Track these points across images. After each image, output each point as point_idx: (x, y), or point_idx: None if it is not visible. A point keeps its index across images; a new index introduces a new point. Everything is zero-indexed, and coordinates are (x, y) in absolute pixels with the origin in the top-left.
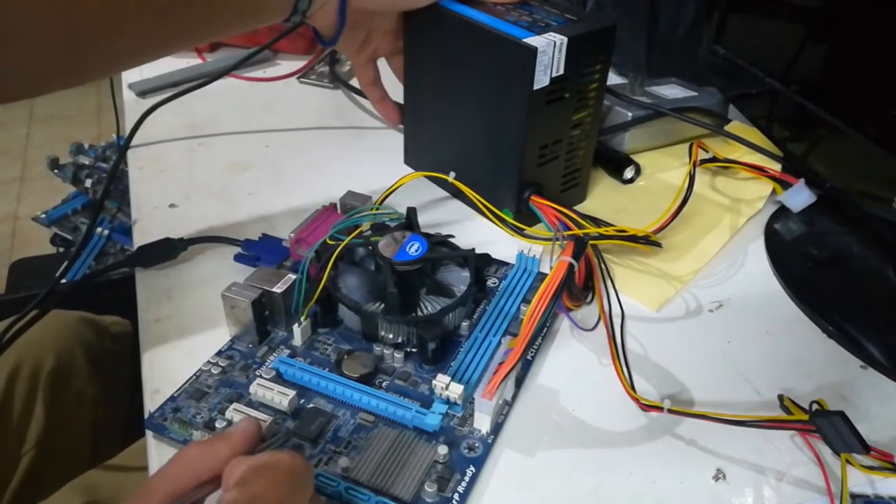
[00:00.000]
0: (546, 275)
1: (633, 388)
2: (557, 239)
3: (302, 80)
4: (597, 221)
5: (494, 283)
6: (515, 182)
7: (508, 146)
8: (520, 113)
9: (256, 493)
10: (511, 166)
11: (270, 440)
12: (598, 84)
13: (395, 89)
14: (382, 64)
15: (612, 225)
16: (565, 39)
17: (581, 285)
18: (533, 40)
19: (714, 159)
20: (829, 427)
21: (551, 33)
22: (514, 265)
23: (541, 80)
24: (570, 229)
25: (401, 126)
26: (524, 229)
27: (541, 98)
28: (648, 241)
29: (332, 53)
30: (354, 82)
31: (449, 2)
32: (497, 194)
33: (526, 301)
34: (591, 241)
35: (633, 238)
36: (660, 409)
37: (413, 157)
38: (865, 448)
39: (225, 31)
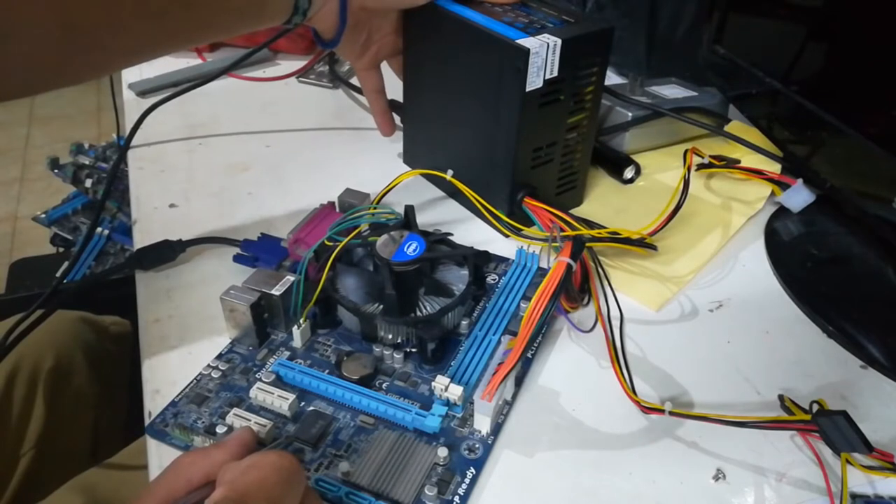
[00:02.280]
0: (546, 271)
1: (633, 390)
2: (555, 240)
3: (301, 79)
4: (590, 224)
5: (494, 280)
6: (509, 183)
7: (502, 147)
8: (513, 114)
9: (244, 492)
10: (504, 167)
11: (271, 445)
12: (595, 87)
13: (395, 90)
14: (387, 72)
15: (605, 227)
16: (559, 41)
17: (578, 287)
18: (526, 41)
19: (710, 165)
20: (831, 427)
21: (546, 35)
22: (513, 261)
23: (533, 82)
24: (564, 231)
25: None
26: (521, 229)
27: (534, 100)
28: (643, 244)
29: (331, 53)
30: (355, 81)
31: (447, 2)
32: (491, 195)
33: (526, 298)
34: (587, 244)
35: (627, 240)
36: (661, 411)
37: (412, 157)
38: (868, 447)
39: (225, 32)
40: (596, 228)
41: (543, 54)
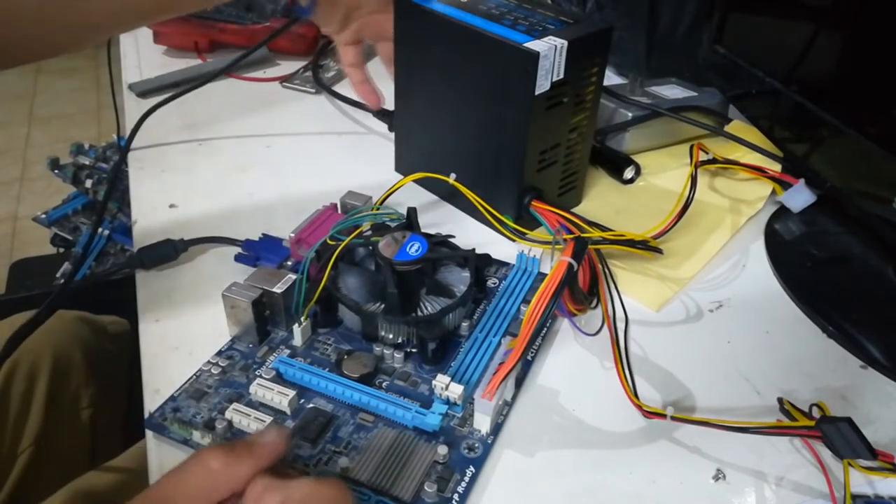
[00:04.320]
0: (546, 275)
1: (635, 394)
2: (557, 242)
3: (285, 84)
4: (601, 227)
5: (495, 284)
6: (516, 188)
7: (508, 153)
8: (521, 119)
9: None
10: (511, 172)
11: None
12: (595, 86)
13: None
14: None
15: (612, 230)
16: (566, 43)
17: (586, 290)
18: (534, 45)
19: (714, 160)
20: (835, 433)
21: (550, 37)
22: (514, 265)
23: (542, 86)
24: (572, 233)
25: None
26: (525, 233)
27: (541, 103)
28: (648, 247)
29: (315, 59)
30: (338, 88)
31: (442, 6)
32: (497, 200)
33: (526, 301)
34: (591, 246)
35: (631, 243)
36: (662, 416)
37: (405, 164)
38: (873, 454)
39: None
40: (607, 231)
41: (552, 57)
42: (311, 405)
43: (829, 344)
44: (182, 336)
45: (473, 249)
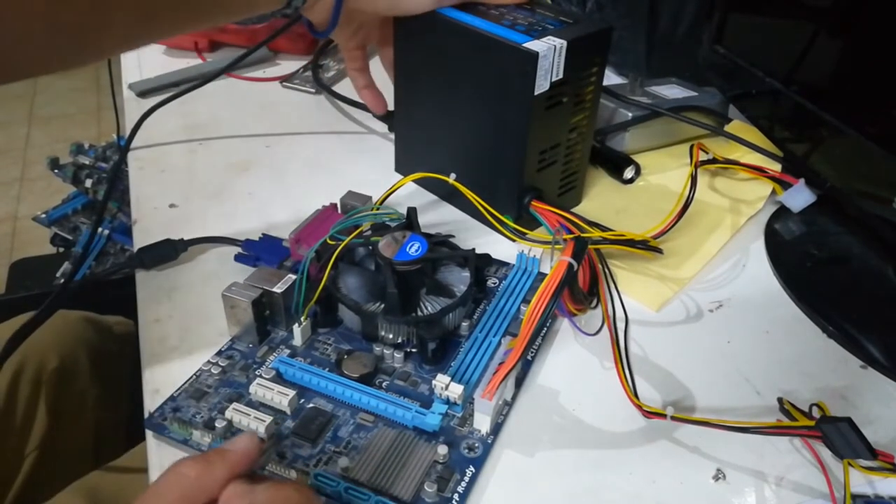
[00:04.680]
0: (546, 275)
1: (635, 394)
2: (557, 242)
3: (285, 84)
4: (601, 227)
5: (494, 284)
6: (516, 188)
7: (508, 153)
8: (520, 119)
9: None
10: (511, 173)
11: (263, 449)
12: (595, 86)
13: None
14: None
15: (612, 230)
16: (565, 43)
17: (586, 290)
18: (533, 45)
19: (714, 160)
20: (835, 433)
21: (550, 37)
22: (514, 265)
23: (541, 86)
24: (572, 233)
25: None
26: (525, 233)
27: (541, 103)
28: (648, 247)
29: (315, 59)
30: (338, 88)
31: (443, 8)
32: (497, 200)
33: (526, 301)
34: (591, 246)
35: (631, 243)
36: (662, 416)
37: (405, 166)
38: (873, 454)
39: (214, 23)
40: (607, 231)
41: (551, 57)
42: (310, 405)
43: (829, 344)
44: (182, 336)
45: (473, 249)
